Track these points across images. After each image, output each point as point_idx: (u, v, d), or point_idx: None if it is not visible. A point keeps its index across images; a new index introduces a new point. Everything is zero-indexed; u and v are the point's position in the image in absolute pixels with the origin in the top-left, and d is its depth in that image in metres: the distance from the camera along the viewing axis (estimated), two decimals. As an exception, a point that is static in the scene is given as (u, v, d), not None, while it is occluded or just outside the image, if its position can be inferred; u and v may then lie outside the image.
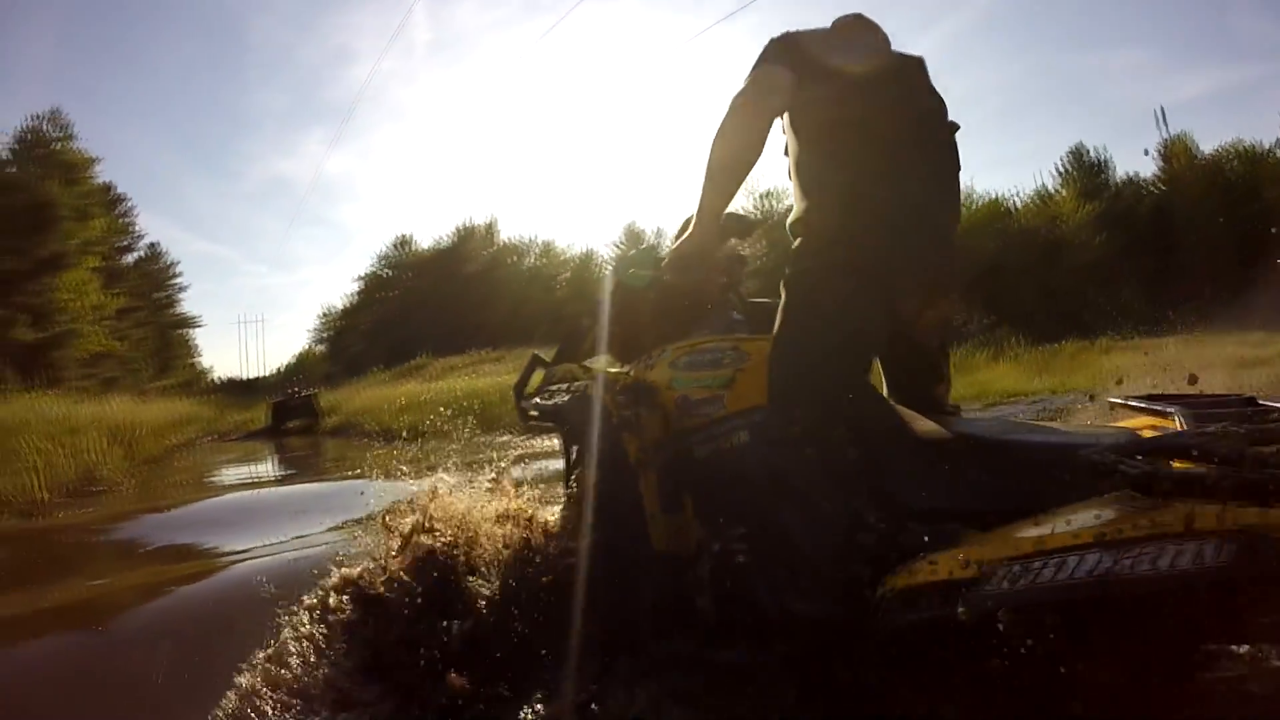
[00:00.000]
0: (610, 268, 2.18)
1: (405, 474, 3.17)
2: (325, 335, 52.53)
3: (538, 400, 2.22)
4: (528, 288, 40.32)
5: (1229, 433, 1.15)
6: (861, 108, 1.76)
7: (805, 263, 1.80)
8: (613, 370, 2.06)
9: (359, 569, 2.10)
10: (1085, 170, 31.18)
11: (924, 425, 1.65)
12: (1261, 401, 1.66)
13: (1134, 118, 63.89)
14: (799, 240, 1.84)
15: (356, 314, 48.68)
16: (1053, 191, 31.13)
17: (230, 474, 11.82)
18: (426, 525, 2.15)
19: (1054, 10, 56.60)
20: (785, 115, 1.88)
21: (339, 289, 67.73)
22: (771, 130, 1.75)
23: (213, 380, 46.97)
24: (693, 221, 1.81)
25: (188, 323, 44.28)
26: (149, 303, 37.86)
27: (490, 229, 48.06)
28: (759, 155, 1.76)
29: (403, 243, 48.23)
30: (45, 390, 12.05)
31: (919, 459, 1.55)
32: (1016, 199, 32.36)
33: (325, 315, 52.64)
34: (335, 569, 2.12)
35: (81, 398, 13.69)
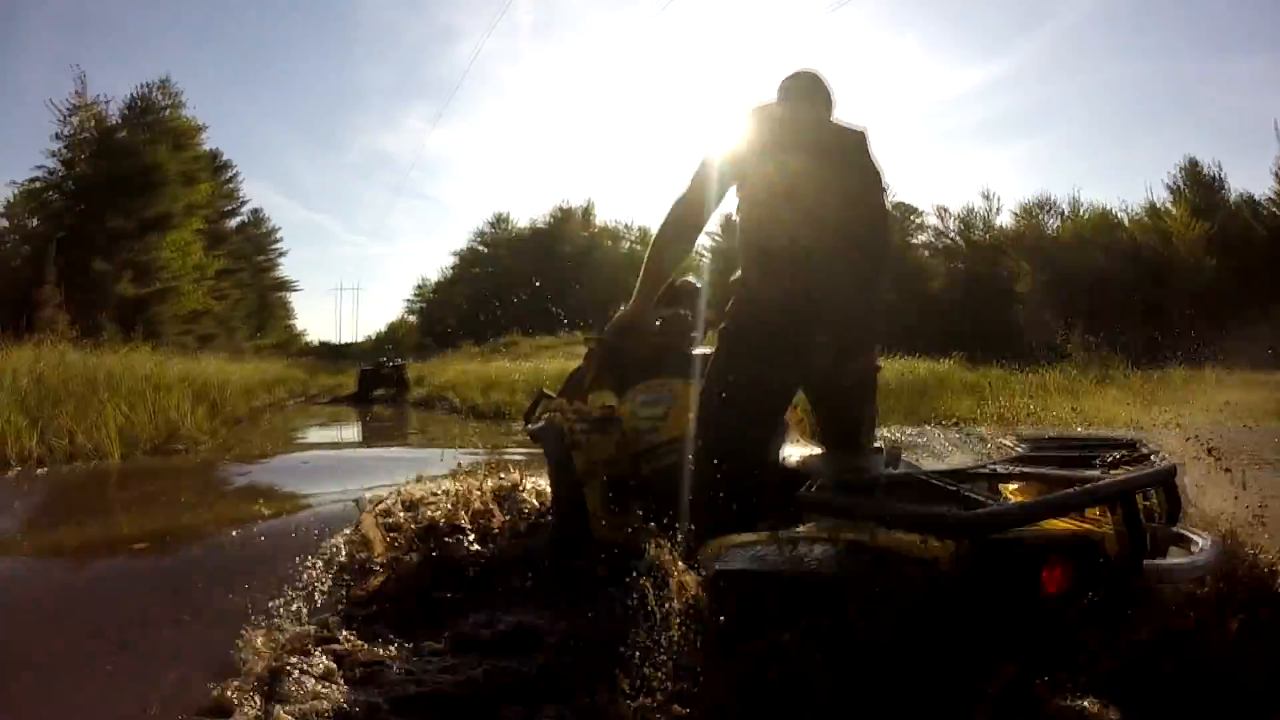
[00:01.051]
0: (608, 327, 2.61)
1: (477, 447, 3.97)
2: (419, 307, 53.57)
3: (531, 425, 2.85)
4: (623, 272, 40.03)
5: (864, 470, 1.83)
6: (789, 191, 2.09)
7: (732, 320, 2.17)
8: (599, 404, 2.74)
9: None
10: (1199, 186, 29.29)
11: (790, 456, 2.02)
12: (1141, 446, 1.87)
13: (1253, 131, 59.05)
14: (732, 299, 2.19)
15: (451, 288, 49.27)
16: (1164, 208, 29.45)
17: (313, 437, 11.79)
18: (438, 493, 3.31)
19: (1170, 11, 52.76)
20: (734, 186, 2.20)
21: (435, 262, 69.09)
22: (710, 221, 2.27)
23: (307, 343, 48.21)
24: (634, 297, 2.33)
25: (286, 286, 45.52)
26: (250, 265, 38.83)
27: (588, 212, 48.03)
28: (690, 250, 2.34)
29: (500, 220, 48.60)
30: (141, 344, 11.93)
31: (760, 478, 1.94)
32: (1124, 212, 30.86)
33: (420, 287, 53.65)
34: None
35: (175, 354, 13.69)
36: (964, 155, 60.74)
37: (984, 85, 60.63)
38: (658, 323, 2.67)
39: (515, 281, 40.96)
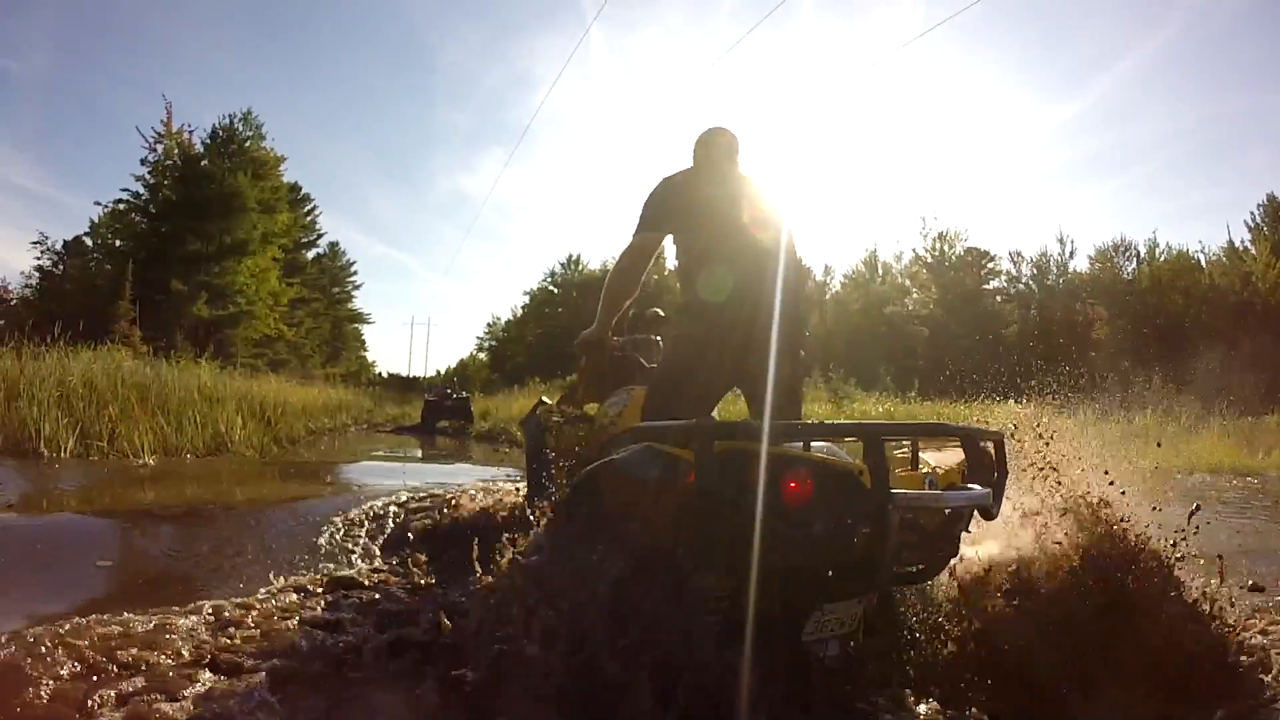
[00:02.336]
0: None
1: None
2: (489, 344, 53.93)
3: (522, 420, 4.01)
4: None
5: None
6: (707, 234, 2.83)
7: (671, 335, 3.28)
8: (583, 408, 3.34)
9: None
10: (1280, 223, 27.78)
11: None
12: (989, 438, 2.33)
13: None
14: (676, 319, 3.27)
15: (521, 326, 49.50)
16: (1243, 247, 28.04)
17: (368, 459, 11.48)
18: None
19: (1250, 41, 50.39)
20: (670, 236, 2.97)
21: (507, 300, 69.82)
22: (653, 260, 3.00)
23: (377, 374, 48.82)
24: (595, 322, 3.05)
25: (359, 318, 46.30)
26: (325, 296, 39.53)
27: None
28: (636, 290, 2.98)
29: (572, 261, 48.66)
30: (209, 362, 11.85)
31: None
32: (1203, 254, 29.55)
33: (491, 325, 54.09)
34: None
35: (240, 373, 13.63)
36: (1040, 198, 59.00)
37: (1059, 126, 58.73)
38: (617, 339, 3.40)
39: (586, 321, 40.56)
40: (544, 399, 3.79)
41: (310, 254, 38.54)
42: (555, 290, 48.71)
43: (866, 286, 38.12)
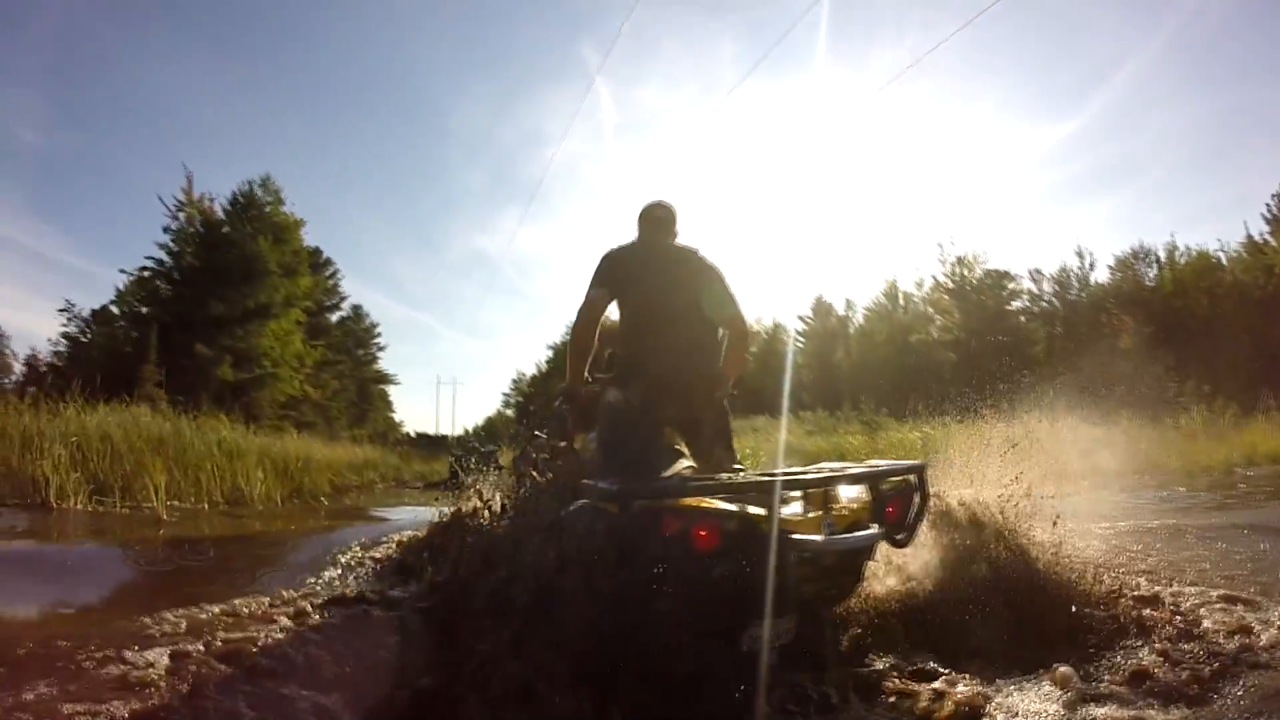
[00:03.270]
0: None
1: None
2: (515, 400, 53.85)
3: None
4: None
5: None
6: (645, 297, 3.45)
7: (611, 391, 3.47)
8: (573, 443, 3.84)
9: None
10: (1297, 211, 27.06)
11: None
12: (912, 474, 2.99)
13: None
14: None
15: (546, 381, 49.44)
16: (1262, 240, 27.33)
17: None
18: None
19: (1243, 37, 49.57)
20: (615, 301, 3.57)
21: (531, 356, 70.09)
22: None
23: (405, 434, 48.72)
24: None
25: (385, 379, 46.33)
26: (350, 358, 39.63)
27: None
28: (593, 342, 3.48)
29: (593, 314, 48.74)
30: (225, 417, 11.70)
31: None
32: (1223, 253, 28.80)
33: (517, 381, 54.08)
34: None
35: (262, 432, 13.48)
36: (1053, 215, 58.31)
37: (1064, 142, 58.35)
38: (591, 380, 3.68)
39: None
40: (538, 433, 4.39)
41: (334, 317, 38.77)
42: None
43: (890, 317, 37.72)
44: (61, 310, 26.53)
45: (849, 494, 2.87)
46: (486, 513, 3.74)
